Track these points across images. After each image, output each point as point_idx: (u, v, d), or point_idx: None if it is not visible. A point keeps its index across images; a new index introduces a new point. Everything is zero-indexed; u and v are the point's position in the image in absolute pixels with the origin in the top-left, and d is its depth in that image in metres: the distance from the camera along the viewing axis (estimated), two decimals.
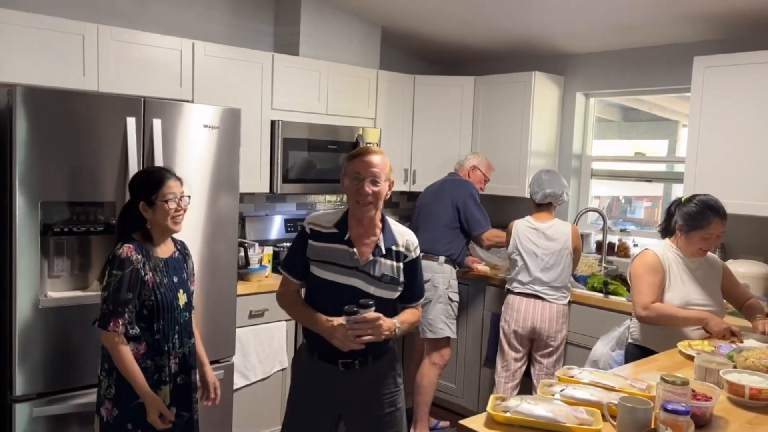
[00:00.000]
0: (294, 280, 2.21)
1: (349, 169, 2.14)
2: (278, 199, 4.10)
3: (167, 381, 2.22)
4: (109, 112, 2.66)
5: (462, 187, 3.69)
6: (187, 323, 2.31)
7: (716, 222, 2.55)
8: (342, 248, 2.13)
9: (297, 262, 2.18)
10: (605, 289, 3.48)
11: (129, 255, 2.13)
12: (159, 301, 2.17)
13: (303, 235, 2.18)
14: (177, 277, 2.28)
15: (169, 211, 2.20)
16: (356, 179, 2.11)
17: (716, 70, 3.21)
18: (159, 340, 2.20)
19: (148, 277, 2.16)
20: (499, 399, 1.78)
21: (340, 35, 4.03)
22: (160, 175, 2.24)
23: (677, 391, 1.59)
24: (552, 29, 3.85)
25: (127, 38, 3.04)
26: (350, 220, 2.17)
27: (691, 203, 2.61)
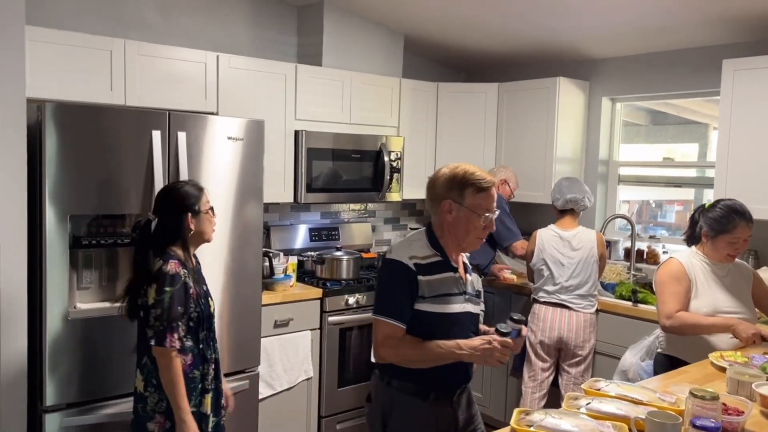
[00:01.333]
0: (402, 326, 1.90)
1: (480, 204, 1.92)
2: (303, 209, 4.13)
3: (210, 389, 2.26)
4: (135, 126, 2.71)
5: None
6: (214, 330, 2.37)
7: (742, 225, 2.50)
8: (450, 275, 1.96)
9: (405, 305, 1.90)
10: (634, 297, 3.41)
11: (177, 270, 2.15)
12: (202, 311, 2.23)
13: (407, 273, 1.89)
14: (205, 286, 2.34)
15: (213, 222, 2.31)
16: (486, 216, 1.93)
17: (746, 73, 3.13)
18: (203, 349, 2.25)
19: (193, 290, 2.20)
20: (524, 413, 1.75)
21: (363, 45, 4.05)
22: (197, 186, 2.31)
23: (707, 406, 1.55)
24: (576, 34, 3.81)
25: (153, 52, 3.09)
26: (446, 244, 1.98)
27: (715, 208, 2.57)
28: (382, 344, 1.91)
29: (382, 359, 1.94)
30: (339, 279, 3.69)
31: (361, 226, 4.36)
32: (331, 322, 3.53)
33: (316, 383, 3.53)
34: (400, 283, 1.90)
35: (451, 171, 1.95)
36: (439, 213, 1.96)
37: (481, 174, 1.94)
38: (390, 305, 1.91)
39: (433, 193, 1.96)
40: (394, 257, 1.93)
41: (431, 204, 1.98)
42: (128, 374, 2.73)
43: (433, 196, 1.97)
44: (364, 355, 3.68)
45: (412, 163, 4.21)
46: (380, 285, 1.98)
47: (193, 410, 2.19)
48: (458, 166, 1.96)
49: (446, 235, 1.97)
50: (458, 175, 1.92)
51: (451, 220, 1.94)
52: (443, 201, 1.93)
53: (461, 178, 1.92)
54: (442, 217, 1.95)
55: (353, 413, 3.69)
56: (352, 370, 3.66)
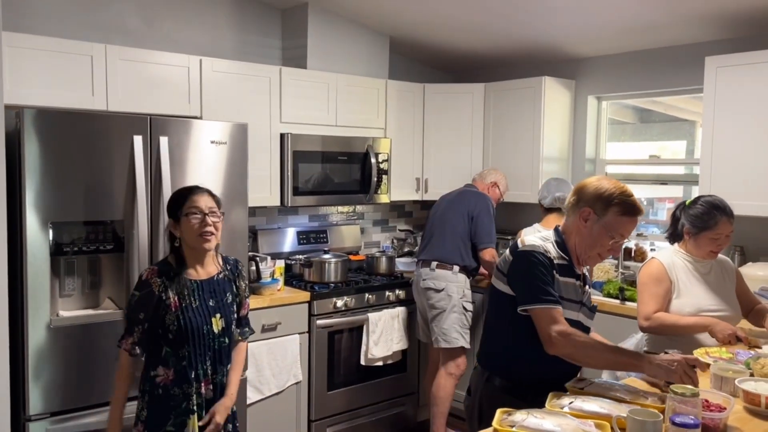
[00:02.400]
0: (560, 308, 1.86)
1: (618, 226, 1.90)
2: (290, 212, 4.11)
3: (194, 410, 2.10)
4: (116, 132, 2.70)
5: (480, 199, 3.67)
6: (225, 349, 2.18)
7: (724, 221, 2.50)
8: (572, 282, 1.94)
9: (551, 286, 1.87)
10: (621, 295, 3.41)
11: (148, 277, 2.09)
12: (183, 326, 2.07)
13: (546, 261, 1.88)
14: (214, 301, 2.15)
15: (194, 226, 2.08)
16: (616, 240, 1.92)
17: (728, 70, 3.14)
18: (185, 366, 2.09)
19: (171, 301, 2.07)
20: (506, 413, 1.74)
21: (348, 46, 4.04)
22: (186, 190, 2.16)
23: (687, 402, 1.55)
24: (561, 33, 3.81)
25: (135, 57, 3.07)
26: (572, 249, 1.96)
27: (696, 205, 2.56)
28: (551, 332, 1.83)
29: (556, 348, 1.84)
30: (327, 282, 3.68)
31: (349, 229, 4.35)
32: (319, 325, 3.52)
33: (306, 387, 3.52)
34: (541, 271, 1.87)
35: (612, 184, 1.93)
36: (575, 217, 1.95)
37: (635, 200, 1.92)
38: (539, 291, 1.85)
39: (580, 196, 1.95)
40: (531, 249, 1.90)
41: (572, 206, 1.96)
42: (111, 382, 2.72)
43: (577, 200, 1.95)
44: (353, 358, 3.67)
45: (399, 165, 4.21)
46: (522, 276, 1.91)
47: (172, 430, 2.09)
48: (619, 184, 1.94)
49: (573, 240, 1.96)
50: (614, 191, 1.90)
51: (583, 229, 1.92)
52: (585, 207, 1.92)
53: (614, 195, 1.90)
54: (577, 223, 1.94)
55: (343, 416, 3.67)
56: (341, 373, 3.65)
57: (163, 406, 2.10)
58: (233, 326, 2.23)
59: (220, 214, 2.16)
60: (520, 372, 1.95)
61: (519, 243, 1.98)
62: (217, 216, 2.14)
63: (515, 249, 1.96)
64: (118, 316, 2.73)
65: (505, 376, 1.98)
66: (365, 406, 3.77)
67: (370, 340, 3.66)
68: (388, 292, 3.81)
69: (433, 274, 3.58)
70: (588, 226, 1.92)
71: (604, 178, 1.99)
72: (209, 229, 2.10)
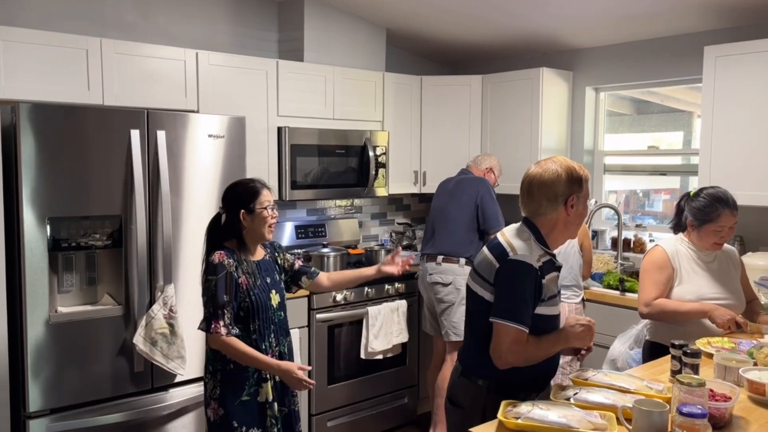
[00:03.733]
0: (527, 331, 1.83)
1: (588, 191, 1.94)
2: (288, 206, 4.09)
3: (267, 378, 2.29)
4: (113, 126, 2.67)
5: (481, 185, 3.65)
6: (283, 322, 2.39)
7: (726, 214, 2.49)
8: (555, 275, 1.93)
9: (529, 309, 1.84)
10: (621, 286, 3.42)
11: (221, 260, 2.23)
12: (254, 302, 2.25)
13: (535, 276, 1.84)
14: (270, 278, 2.36)
15: (267, 218, 2.30)
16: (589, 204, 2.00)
17: (727, 60, 3.13)
18: (256, 339, 2.27)
19: (242, 280, 2.25)
20: (510, 405, 1.73)
21: (345, 39, 4.01)
22: (258, 184, 2.34)
23: (694, 392, 1.54)
24: (558, 24, 3.79)
25: (131, 51, 3.04)
26: (552, 242, 1.94)
27: (698, 197, 2.55)
28: (509, 350, 1.82)
29: (508, 364, 1.84)
30: None
31: (347, 222, 4.33)
32: (319, 319, 3.51)
33: None
34: (528, 286, 1.83)
35: (564, 167, 1.91)
36: (557, 211, 1.90)
37: (580, 165, 1.97)
38: (517, 309, 1.82)
39: (553, 193, 1.89)
40: (522, 259, 1.84)
41: (548, 204, 1.90)
42: (112, 378, 2.71)
43: (552, 197, 1.89)
44: (353, 352, 3.66)
45: (397, 158, 4.19)
46: (506, 287, 1.85)
47: (247, 399, 2.26)
48: (561, 162, 1.93)
49: (557, 232, 1.93)
50: (573, 170, 1.92)
51: (572, 215, 1.91)
52: (568, 197, 1.89)
53: (577, 172, 1.92)
54: (559, 215, 1.90)
55: (344, 410, 3.67)
56: (342, 367, 3.64)
57: (237, 379, 2.25)
58: (286, 301, 2.43)
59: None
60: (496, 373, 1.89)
61: (506, 246, 1.89)
62: (277, 209, 2.39)
63: (505, 257, 1.87)
64: (118, 311, 2.72)
65: (484, 375, 1.94)
66: (366, 399, 3.77)
67: (369, 333, 3.65)
68: (387, 286, 3.80)
69: (440, 268, 3.57)
70: (575, 210, 1.91)
71: (551, 167, 1.93)
72: (275, 221, 2.36)
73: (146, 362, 2.76)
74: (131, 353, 2.73)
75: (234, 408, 2.25)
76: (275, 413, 2.31)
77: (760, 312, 2.63)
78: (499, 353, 1.84)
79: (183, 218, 2.88)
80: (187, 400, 2.88)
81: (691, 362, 1.93)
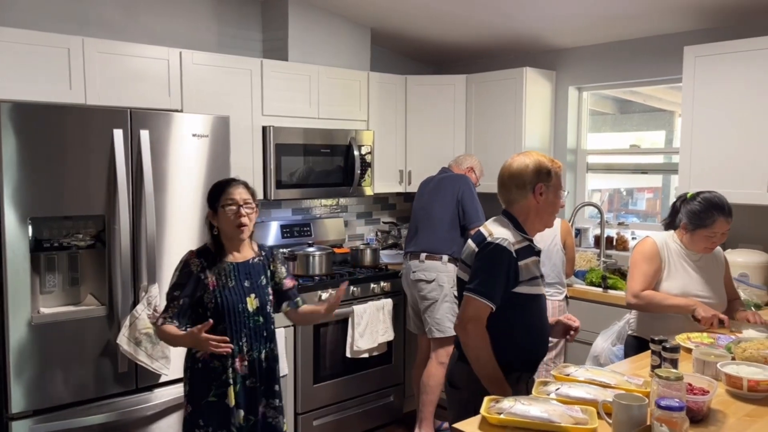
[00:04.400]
0: (492, 307, 1.98)
1: (559, 182, 2.10)
2: (273, 206, 4.09)
3: (231, 383, 2.25)
4: (96, 125, 2.66)
5: (461, 181, 3.68)
6: (260, 327, 2.31)
7: (721, 221, 2.50)
8: (534, 259, 2.08)
9: (499, 288, 1.99)
10: (604, 283, 3.45)
11: (187, 258, 2.27)
12: (220, 303, 2.23)
13: (509, 258, 1.99)
14: (250, 282, 2.31)
15: (229, 217, 2.24)
16: (562, 192, 2.13)
17: (706, 60, 3.18)
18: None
19: (210, 281, 2.24)
20: (493, 401, 1.76)
21: (329, 38, 4.02)
22: (224, 183, 2.31)
23: (672, 386, 1.57)
24: (541, 24, 3.82)
25: (113, 50, 3.02)
26: (529, 229, 2.10)
27: (695, 201, 2.56)
28: (470, 320, 1.99)
29: (465, 334, 2.01)
30: (312, 275, 3.67)
31: (333, 222, 4.34)
32: None
33: (292, 380, 3.51)
34: (502, 266, 1.99)
35: (533, 159, 2.08)
36: (527, 198, 2.06)
37: (552, 158, 2.13)
38: (487, 286, 1.98)
39: (521, 181, 2.06)
40: (499, 241, 2.00)
41: (518, 192, 2.07)
42: (96, 378, 2.70)
43: (521, 185, 2.06)
44: (339, 351, 3.67)
45: (382, 157, 4.20)
46: (481, 265, 2.02)
47: (214, 400, 2.24)
48: (531, 155, 2.10)
49: (531, 219, 2.09)
50: (542, 162, 2.07)
51: (541, 202, 2.07)
52: (536, 185, 2.05)
53: (545, 164, 2.07)
54: (530, 202, 2.06)
55: (330, 409, 3.68)
56: (327, 366, 3.64)
57: (204, 378, 2.25)
58: (268, 307, 2.36)
59: (255, 206, 2.31)
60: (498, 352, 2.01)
61: (486, 234, 2.04)
62: (251, 207, 2.29)
63: (483, 240, 2.04)
64: (101, 312, 2.71)
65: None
66: (352, 398, 3.78)
67: (355, 332, 3.66)
68: (373, 285, 3.81)
69: (423, 265, 3.59)
70: (543, 197, 2.07)
71: (521, 159, 2.09)
72: (243, 220, 2.25)
73: (130, 362, 2.75)
74: (115, 354, 2.72)
75: (201, 407, 2.25)
76: (239, 420, 2.26)
77: (739, 309, 2.68)
78: (460, 321, 2.03)
79: (167, 218, 2.88)
80: (172, 400, 2.87)
81: (670, 357, 1.96)
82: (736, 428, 1.67)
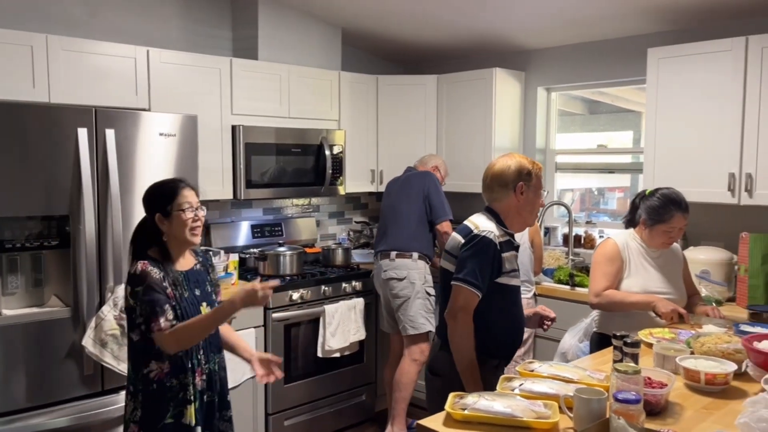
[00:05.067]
0: (480, 296, 2.10)
1: (540, 183, 2.22)
2: (244, 205, 4.07)
3: (192, 400, 2.08)
4: (59, 124, 2.62)
5: (427, 177, 3.72)
6: (213, 338, 2.17)
7: (678, 216, 2.58)
8: (513, 253, 2.21)
9: (486, 278, 2.11)
10: (572, 281, 3.51)
11: (144, 269, 2.02)
12: (180, 315, 2.04)
13: (494, 250, 2.12)
14: (199, 290, 2.15)
15: (187, 221, 2.07)
16: (542, 192, 2.26)
17: (669, 61, 3.25)
18: (182, 357, 2.06)
19: (168, 292, 2.04)
20: (458, 396, 1.78)
21: (300, 38, 4.01)
22: (174, 184, 2.12)
23: (630, 380, 1.60)
24: (510, 25, 3.87)
25: (78, 47, 2.98)
26: (510, 225, 2.22)
27: (653, 197, 2.64)
28: (460, 309, 2.10)
29: (456, 321, 2.11)
30: (282, 275, 3.66)
31: (305, 221, 4.33)
32: (275, 318, 3.50)
33: None
34: (488, 257, 2.11)
35: (514, 160, 2.21)
36: (509, 197, 2.19)
37: (533, 160, 2.26)
38: (476, 276, 2.10)
39: (504, 181, 2.19)
40: (486, 234, 2.12)
41: (500, 190, 2.20)
42: (59, 382, 2.66)
43: (503, 184, 2.19)
44: (310, 350, 3.66)
45: (354, 156, 4.21)
46: (469, 256, 2.12)
47: (171, 421, 2.05)
48: (514, 156, 2.23)
49: (513, 216, 2.22)
50: (523, 163, 2.20)
51: (522, 201, 2.19)
52: (517, 184, 2.18)
53: (526, 165, 2.20)
54: (511, 201, 2.19)
55: (301, 408, 3.67)
56: (299, 365, 3.64)
57: (160, 399, 2.05)
58: None
59: (203, 209, 2.16)
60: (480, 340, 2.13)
61: (472, 227, 2.16)
62: (203, 210, 2.15)
63: (469, 232, 2.15)
64: (66, 313, 2.67)
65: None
66: (323, 398, 3.78)
67: (327, 332, 3.66)
68: (344, 284, 3.82)
69: (394, 264, 3.60)
70: (524, 197, 2.19)
71: (504, 160, 2.23)
72: (199, 223, 2.12)
73: (96, 364, 2.71)
74: (80, 356, 2.68)
75: (156, 431, 2.05)
76: None
77: (699, 303, 2.75)
78: (450, 309, 2.13)
79: (134, 218, 2.83)
80: None
81: (631, 352, 2.00)
82: (694, 420, 1.71)
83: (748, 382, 1.95)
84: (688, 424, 1.67)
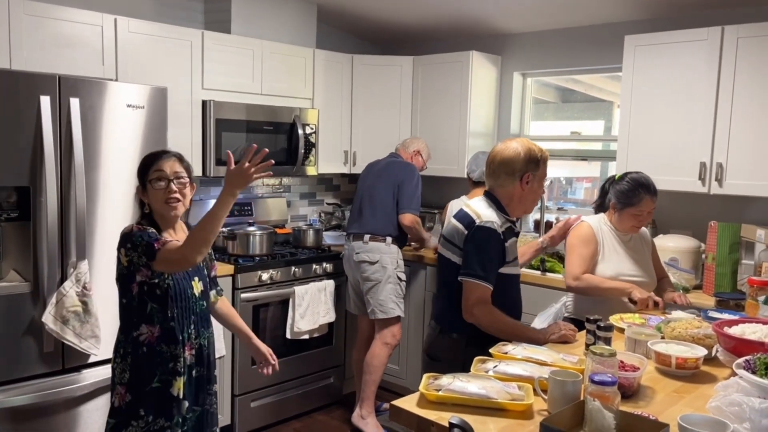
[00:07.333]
0: (491, 288, 2.13)
1: (546, 172, 2.21)
2: (213, 183, 3.98)
3: (182, 372, 2.05)
4: (21, 91, 2.50)
5: (406, 169, 3.67)
6: (204, 312, 2.16)
7: (647, 199, 2.62)
8: (514, 240, 2.21)
9: (494, 269, 2.13)
10: (542, 266, 3.52)
11: (138, 228, 1.98)
12: (172, 288, 2.01)
13: (499, 240, 2.13)
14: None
15: (157, 192, 1.99)
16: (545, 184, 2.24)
17: (645, 49, 3.26)
18: (173, 327, 2.04)
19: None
20: (432, 378, 1.75)
21: (274, 12, 3.91)
22: (154, 154, 2.06)
23: (605, 362, 1.60)
24: (488, 8, 3.83)
25: (42, 13, 2.85)
26: (511, 212, 2.21)
27: (623, 181, 2.67)
28: (475, 305, 2.12)
29: (473, 318, 2.13)
30: (252, 255, 3.60)
31: (275, 201, 4.26)
32: (244, 299, 3.44)
33: (229, 361, 3.44)
34: (494, 248, 2.12)
35: (524, 147, 2.17)
36: (513, 185, 2.18)
37: (541, 147, 2.22)
38: (482, 269, 2.11)
39: (511, 168, 2.17)
40: (489, 225, 2.11)
41: (506, 178, 2.18)
42: (18, 359, 2.56)
43: (510, 171, 2.17)
44: (279, 331, 3.61)
45: (327, 137, 4.14)
46: (473, 250, 2.13)
47: (158, 386, 2.02)
48: (523, 142, 2.19)
49: (514, 204, 2.21)
50: (533, 151, 2.18)
51: (526, 190, 2.18)
52: (524, 174, 2.17)
53: (535, 154, 2.18)
54: (515, 189, 2.18)
55: (269, 390, 3.63)
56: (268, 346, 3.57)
57: (149, 363, 2.02)
58: (209, 290, 2.23)
59: (189, 181, 2.07)
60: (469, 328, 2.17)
61: (472, 214, 2.16)
62: (183, 182, 2.05)
63: (472, 223, 2.14)
64: (25, 288, 2.57)
65: (459, 330, 2.20)
66: (291, 379, 3.74)
67: (296, 313, 3.61)
68: (315, 266, 3.77)
69: (367, 246, 3.57)
70: (529, 186, 2.19)
71: (513, 146, 2.20)
72: (174, 195, 2.01)
73: (57, 342, 2.62)
74: (40, 332, 2.59)
75: (143, 394, 2.02)
76: (183, 412, 2.07)
77: (668, 288, 2.79)
78: (466, 307, 2.14)
79: (99, 191, 2.75)
80: (102, 381, 2.75)
81: (604, 336, 2.00)
82: (665, 403, 1.72)
83: (718, 367, 1.97)
84: (660, 407, 1.68)
